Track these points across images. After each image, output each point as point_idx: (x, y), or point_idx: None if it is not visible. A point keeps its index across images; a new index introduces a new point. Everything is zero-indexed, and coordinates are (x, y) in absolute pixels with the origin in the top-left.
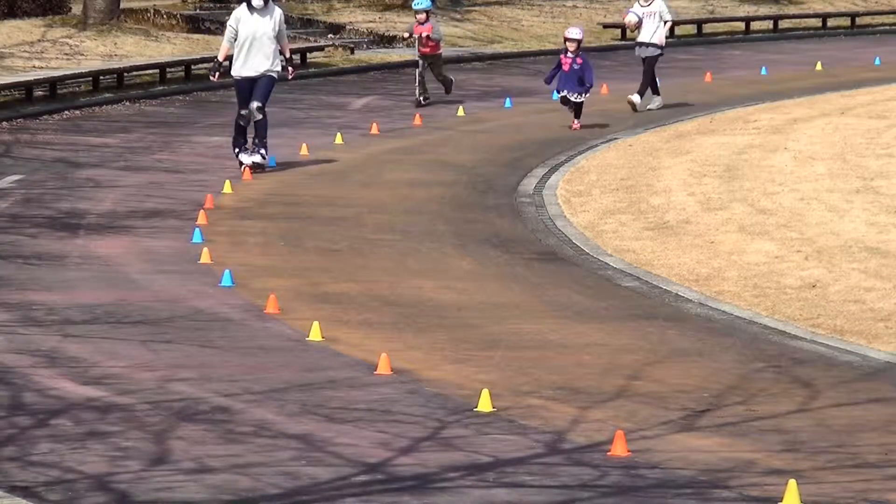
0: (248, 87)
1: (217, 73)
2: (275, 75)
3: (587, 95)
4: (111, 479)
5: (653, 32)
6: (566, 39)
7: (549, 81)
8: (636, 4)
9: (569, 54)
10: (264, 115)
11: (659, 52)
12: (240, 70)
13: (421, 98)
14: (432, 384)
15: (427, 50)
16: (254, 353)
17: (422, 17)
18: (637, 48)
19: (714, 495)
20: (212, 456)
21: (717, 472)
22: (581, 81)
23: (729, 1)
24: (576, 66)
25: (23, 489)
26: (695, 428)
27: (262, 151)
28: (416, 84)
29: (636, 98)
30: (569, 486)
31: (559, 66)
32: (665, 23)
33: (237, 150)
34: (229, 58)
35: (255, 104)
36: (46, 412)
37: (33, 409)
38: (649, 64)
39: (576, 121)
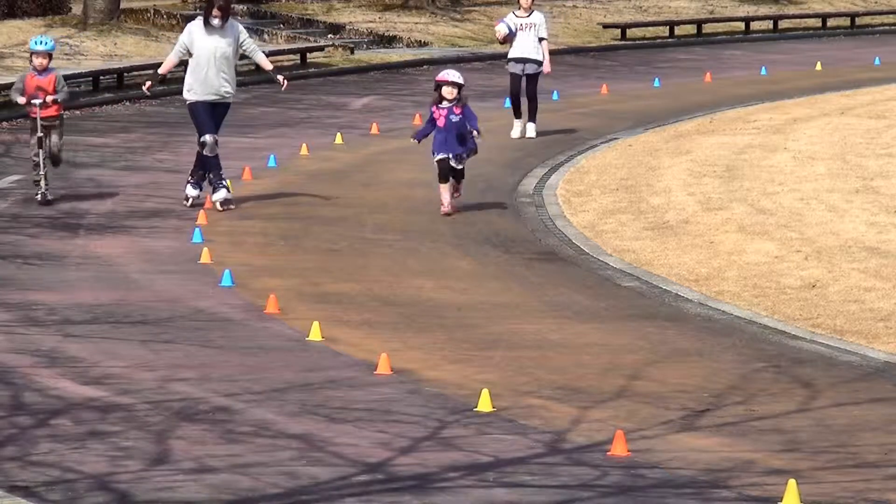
0: (209, 112)
1: (150, 84)
2: (231, 101)
3: (471, 156)
4: (111, 479)
5: (533, 46)
6: (441, 83)
7: (417, 139)
8: (510, 15)
9: (443, 105)
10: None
11: (541, 68)
12: (199, 94)
13: (47, 193)
14: (432, 384)
15: (48, 112)
16: (254, 353)
17: (41, 62)
18: (512, 64)
19: (714, 495)
20: (212, 456)
21: (717, 472)
22: (462, 139)
23: (729, 1)
24: (453, 119)
25: (23, 489)
26: (695, 428)
27: (224, 184)
28: (34, 171)
29: (530, 131)
30: (569, 486)
31: (432, 120)
32: (541, 40)
33: (195, 179)
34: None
35: (213, 137)
36: (46, 412)
37: (33, 409)
38: (533, 83)
39: (457, 187)
